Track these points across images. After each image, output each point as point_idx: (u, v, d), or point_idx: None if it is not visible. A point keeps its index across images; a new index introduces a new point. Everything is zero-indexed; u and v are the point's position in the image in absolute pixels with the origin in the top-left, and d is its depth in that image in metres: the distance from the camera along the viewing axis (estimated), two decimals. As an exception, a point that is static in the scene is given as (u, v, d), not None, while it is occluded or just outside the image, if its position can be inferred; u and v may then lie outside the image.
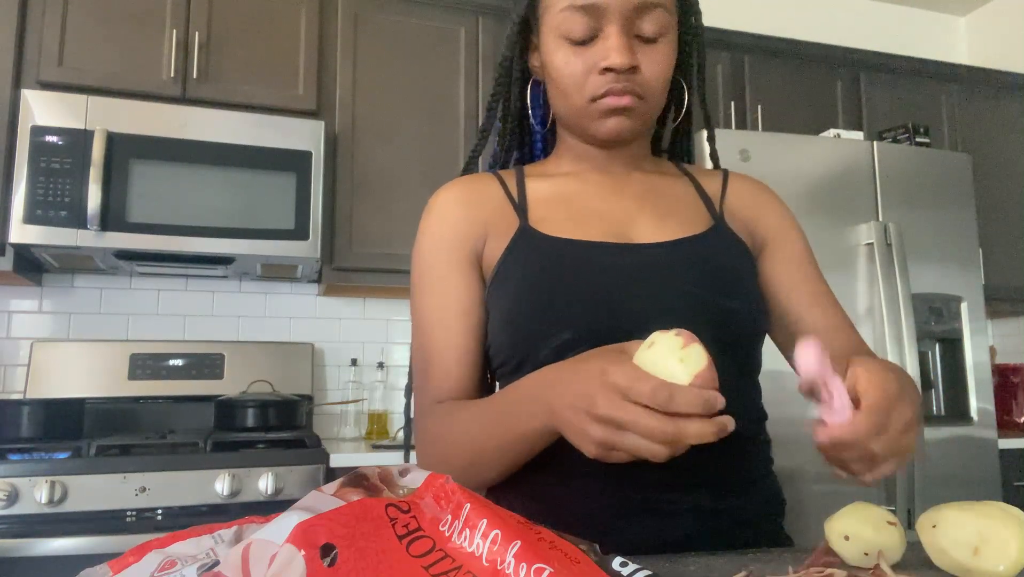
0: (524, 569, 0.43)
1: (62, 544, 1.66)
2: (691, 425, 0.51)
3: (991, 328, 3.35)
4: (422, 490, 0.49)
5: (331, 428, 2.56)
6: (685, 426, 0.51)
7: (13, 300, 2.34)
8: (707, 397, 0.52)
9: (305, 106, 2.33)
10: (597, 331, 0.73)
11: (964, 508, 0.54)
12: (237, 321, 2.52)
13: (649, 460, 0.54)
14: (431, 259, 0.82)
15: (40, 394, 2.20)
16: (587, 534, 0.55)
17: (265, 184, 2.18)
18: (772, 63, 2.84)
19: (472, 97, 2.51)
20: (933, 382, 2.44)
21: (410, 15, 2.48)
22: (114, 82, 2.16)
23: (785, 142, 2.27)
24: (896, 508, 2.12)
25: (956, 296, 2.37)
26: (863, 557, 0.57)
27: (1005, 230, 2.98)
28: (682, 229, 0.82)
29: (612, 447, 0.55)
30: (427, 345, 0.80)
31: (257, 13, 2.32)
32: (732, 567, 0.59)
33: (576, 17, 0.76)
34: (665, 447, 0.52)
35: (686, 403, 0.51)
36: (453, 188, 0.85)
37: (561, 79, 0.79)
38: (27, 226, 1.97)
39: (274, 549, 0.41)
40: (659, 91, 0.79)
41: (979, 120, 3.06)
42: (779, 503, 0.82)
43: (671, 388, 0.52)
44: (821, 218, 2.24)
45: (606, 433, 0.54)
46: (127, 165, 2.06)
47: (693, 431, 0.51)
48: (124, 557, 0.49)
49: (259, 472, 1.83)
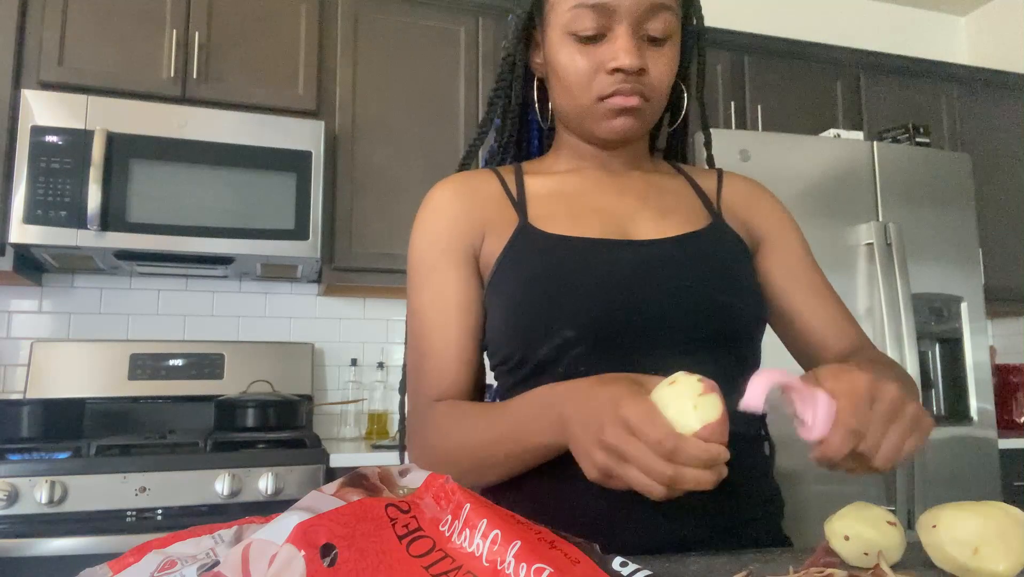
0: (524, 569, 0.43)
1: (62, 544, 1.66)
2: (689, 472, 0.52)
3: (991, 328, 3.34)
4: (422, 490, 0.49)
5: (331, 428, 2.55)
6: (684, 473, 0.52)
7: (13, 300, 2.34)
8: (712, 453, 0.52)
9: (305, 106, 2.33)
10: (598, 328, 0.73)
11: (964, 508, 0.54)
12: (237, 321, 2.52)
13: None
14: (427, 254, 0.81)
15: (40, 394, 2.20)
16: (587, 534, 0.55)
17: (265, 184, 2.18)
18: (772, 63, 2.84)
19: (472, 97, 2.51)
20: (933, 382, 2.44)
21: (410, 15, 2.48)
22: (114, 82, 2.16)
23: (785, 142, 2.27)
24: (896, 508, 2.12)
25: (956, 296, 2.37)
26: (863, 557, 0.57)
27: (1005, 230, 2.98)
28: (681, 226, 0.82)
29: (611, 475, 0.55)
30: (422, 342, 0.80)
31: (257, 13, 2.32)
32: (732, 567, 0.59)
33: (585, 15, 0.76)
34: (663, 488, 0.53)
35: (689, 457, 0.52)
36: (451, 183, 0.84)
37: (567, 77, 0.79)
38: (27, 226, 1.97)
39: (274, 549, 0.41)
40: (664, 93, 0.80)
41: (979, 120, 3.06)
42: (779, 503, 0.82)
43: (677, 440, 0.52)
44: (821, 218, 2.24)
45: (608, 460, 0.55)
46: (127, 165, 2.06)
47: (691, 477, 0.52)
48: (124, 557, 0.49)
49: (259, 472, 1.82)
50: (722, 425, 0.53)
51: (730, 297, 0.77)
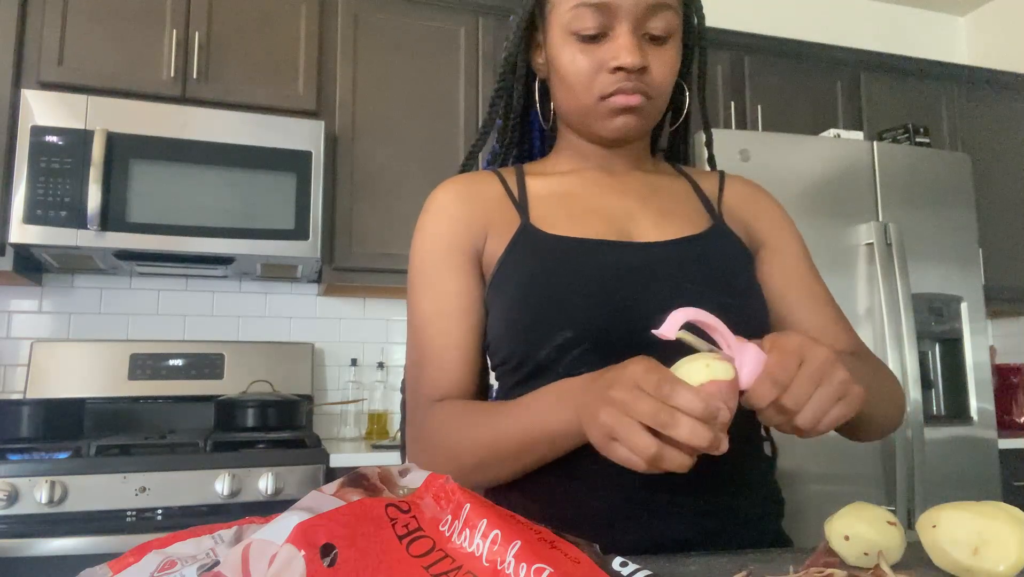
0: (524, 569, 0.43)
1: (62, 544, 1.66)
2: (685, 421, 0.51)
3: (991, 328, 3.35)
4: (422, 490, 0.49)
5: (331, 428, 2.56)
6: (680, 419, 0.51)
7: (13, 300, 2.34)
8: (709, 405, 0.51)
9: (305, 106, 2.33)
10: (599, 330, 0.73)
11: (964, 508, 0.54)
12: (237, 321, 2.52)
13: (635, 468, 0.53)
14: (430, 255, 0.81)
15: (40, 394, 2.20)
16: (587, 534, 0.55)
17: (265, 184, 2.18)
18: (772, 63, 2.84)
19: (472, 97, 2.51)
20: (933, 382, 2.44)
21: (410, 15, 2.48)
22: (114, 82, 2.16)
23: (785, 142, 2.27)
24: (896, 508, 2.12)
25: (956, 296, 2.37)
26: (863, 557, 0.57)
27: (1005, 230, 2.98)
28: (683, 228, 0.82)
29: (612, 434, 0.54)
30: (424, 341, 0.80)
31: (257, 13, 2.32)
32: (732, 567, 0.59)
33: (587, 14, 0.76)
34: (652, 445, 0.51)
35: (685, 401, 0.51)
36: (453, 185, 0.84)
37: (568, 76, 0.79)
38: (27, 226, 1.98)
39: (274, 549, 0.41)
40: (666, 91, 0.80)
41: (979, 120, 3.06)
42: (779, 503, 0.82)
43: (675, 383, 0.52)
44: (821, 218, 2.24)
45: (610, 416, 0.54)
46: (127, 165, 2.06)
47: (686, 425, 0.51)
48: (124, 557, 0.49)
49: (259, 472, 1.83)
50: (730, 387, 0.53)
51: (731, 300, 0.77)
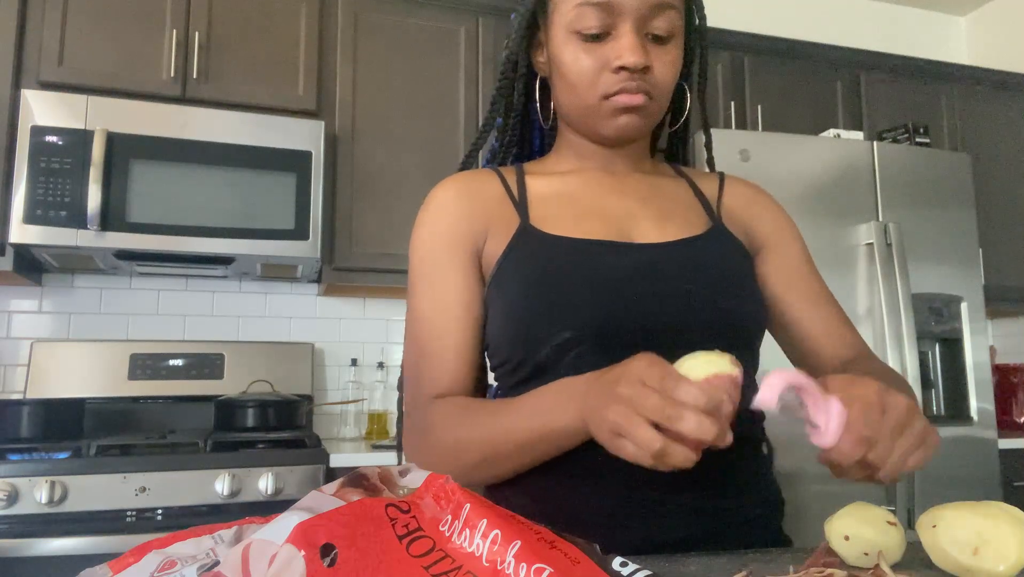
0: (524, 569, 0.43)
1: (62, 544, 1.66)
2: (690, 414, 0.51)
3: (991, 328, 3.34)
4: (422, 490, 0.49)
5: (331, 428, 2.56)
6: (684, 412, 0.51)
7: (13, 300, 2.34)
8: (712, 396, 0.51)
9: (305, 106, 2.33)
10: (597, 331, 0.73)
11: (964, 508, 0.54)
12: (237, 321, 2.52)
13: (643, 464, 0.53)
14: (430, 253, 0.81)
15: (40, 394, 2.20)
16: (587, 534, 0.55)
17: (265, 184, 2.18)
18: (772, 63, 2.84)
19: (472, 97, 2.51)
20: (933, 382, 2.44)
21: (410, 15, 2.48)
22: (114, 82, 2.16)
23: (785, 142, 2.27)
24: (896, 508, 2.12)
25: (956, 296, 2.37)
26: (863, 557, 0.57)
27: (1005, 230, 2.98)
28: (682, 230, 0.82)
29: (619, 430, 0.54)
30: (423, 339, 0.79)
31: (257, 13, 2.32)
32: (732, 567, 0.59)
33: (590, 13, 0.76)
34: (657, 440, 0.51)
35: (689, 395, 0.51)
36: (453, 183, 0.84)
37: (571, 75, 0.79)
38: (27, 226, 1.97)
39: (274, 549, 0.41)
40: (668, 91, 0.80)
41: (979, 120, 3.06)
42: (779, 503, 0.82)
43: (679, 378, 0.52)
44: (821, 218, 2.24)
45: (617, 413, 0.54)
46: (127, 165, 2.06)
47: (691, 419, 0.50)
48: (124, 557, 0.49)
49: (259, 472, 1.82)
50: (732, 381, 0.53)
51: (730, 302, 0.77)
